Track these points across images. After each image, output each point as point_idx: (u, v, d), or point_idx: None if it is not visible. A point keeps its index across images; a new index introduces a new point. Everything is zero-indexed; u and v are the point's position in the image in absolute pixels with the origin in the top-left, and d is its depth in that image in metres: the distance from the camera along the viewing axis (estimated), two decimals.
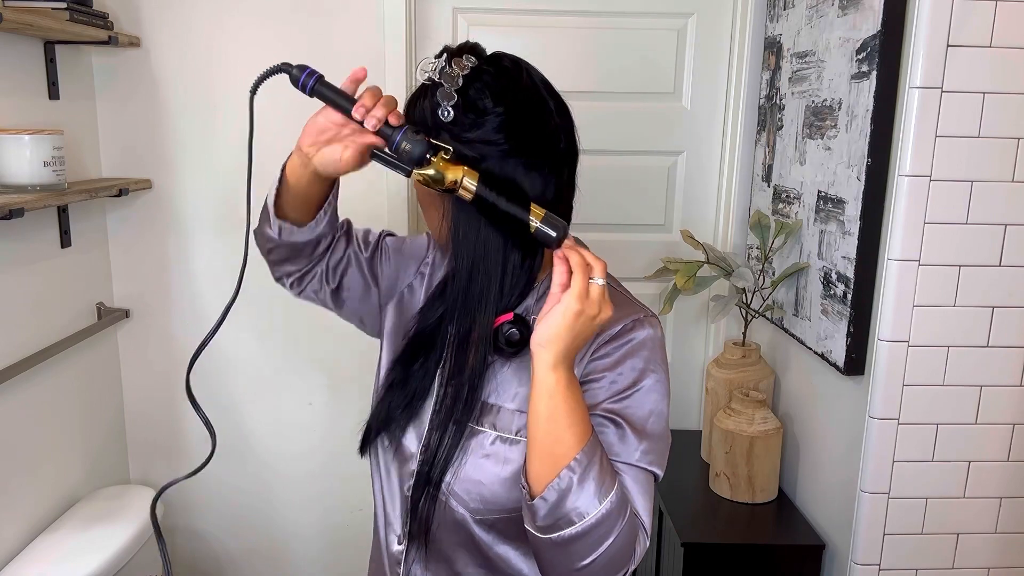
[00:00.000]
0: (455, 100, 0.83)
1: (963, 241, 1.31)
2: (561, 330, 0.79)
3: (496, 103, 0.83)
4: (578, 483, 0.77)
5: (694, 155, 2.02)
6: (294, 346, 2.01)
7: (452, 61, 0.84)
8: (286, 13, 1.82)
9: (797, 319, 1.65)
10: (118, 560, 1.58)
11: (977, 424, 1.39)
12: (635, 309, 0.91)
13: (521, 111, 0.84)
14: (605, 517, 0.78)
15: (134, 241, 1.91)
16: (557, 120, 0.88)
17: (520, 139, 0.84)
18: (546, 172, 0.86)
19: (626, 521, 0.79)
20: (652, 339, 0.89)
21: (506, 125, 0.83)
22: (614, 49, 1.95)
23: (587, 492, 0.77)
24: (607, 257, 1.01)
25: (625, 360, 0.87)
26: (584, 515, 0.77)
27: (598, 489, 0.78)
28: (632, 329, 0.88)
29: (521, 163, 0.84)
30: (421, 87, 0.88)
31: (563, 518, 0.78)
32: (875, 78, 1.33)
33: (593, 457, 0.79)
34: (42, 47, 1.62)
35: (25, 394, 1.57)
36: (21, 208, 1.34)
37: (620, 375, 0.87)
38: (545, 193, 0.86)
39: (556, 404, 0.79)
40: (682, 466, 1.86)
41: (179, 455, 2.04)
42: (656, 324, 0.90)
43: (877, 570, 1.43)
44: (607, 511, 0.78)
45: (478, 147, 0.83)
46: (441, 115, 0.83)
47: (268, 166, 1.16)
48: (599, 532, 0.78)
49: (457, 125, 0.83)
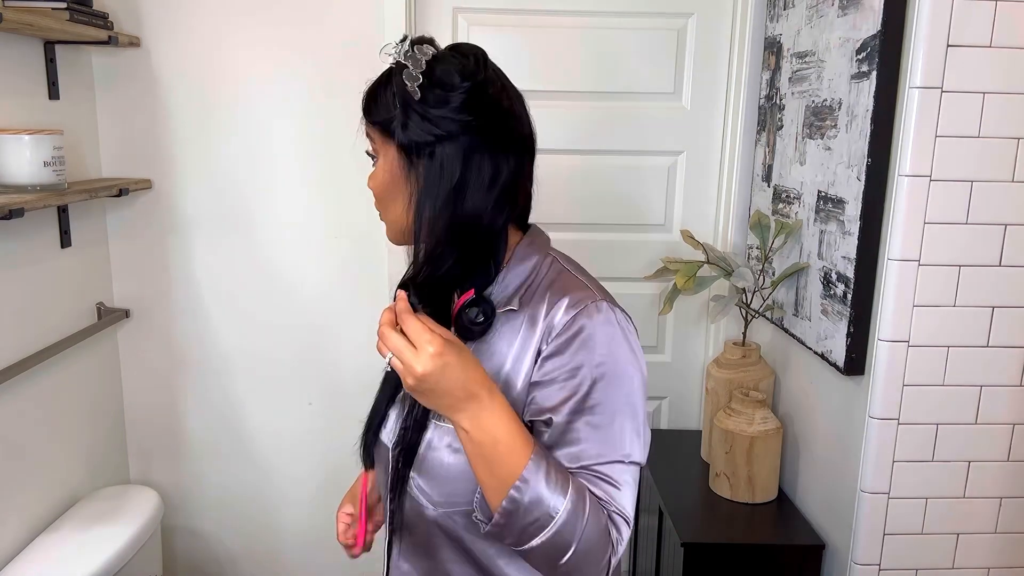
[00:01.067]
0: (421, 80, 0.84)
1: (963, 241, 1.31)
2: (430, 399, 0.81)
3: (463, 80, 0.84)
4: (529, 496, 0.78)
5: (694, 155, 2.02)
6: (294, 346, 2.01)
7: (414, 47, 0.86)
8: (286, 13, 1.82)
9: (797, 319, 1.65)
10: (118, 560, 1.58)
11: (977, 424, 1.39)
12: (583, 295, 0.88)
13: (486, 89, 0.86)
14: (568, 519, 0.79)
15: (134, 241, 1.91)
16: (517, 106, 0.91)
17: (486, 117, 0.85)
18: (509, 154, 0.88)
19: (589, 519, 0.80)
20: (603, 322, 0.86)
21: (472, 101, 0.85)
22: (614, 49, 1.95)
23: (543, 498, 0.78)
24: (607, 257, 1.02)
25: (579, 353, 0.85)
26: (546, 523, 0.78)
27: (552, 493, 0.79)
28: (579, 319, 0.86)
29: (484, 142, 0.86)
30: (384, 74, 0.89)
31: (527, 531, 0.79)
32: (875, 78, 1.33)
33: (538, 469, 0.79)
34: (42, 47, 1.62)
35: (25, 394, 1.57)
36: (21, 208, 1.34)
37: (577, 370, 0.85)
38: (508, 176, 0.87)
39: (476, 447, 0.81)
40: (682, 466, 1.86)
41: (179, 455, 2.04)
42: (606, 307, 0.87)
43: (877, 570, 1.43)
44: (569, 513, 0.79)
45: (445, 123, 0.84)
46: (411, 93, 0.84)
47: (271, 172, 1.17)
48: (566, 534, 0.79)
49: (425, 102, 0.84)
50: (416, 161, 0.86)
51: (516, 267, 0.92)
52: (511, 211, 0.90)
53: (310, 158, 1.90)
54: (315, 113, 1.87)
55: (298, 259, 1.95)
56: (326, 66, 1.86)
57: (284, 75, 1.85)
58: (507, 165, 0.87)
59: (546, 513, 0.78)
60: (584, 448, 0.84)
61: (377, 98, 0.88)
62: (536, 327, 0.87)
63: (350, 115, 1.89)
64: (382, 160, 0.90)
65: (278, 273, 1.96)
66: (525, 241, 0.94)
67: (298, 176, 1.91)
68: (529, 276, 0.91)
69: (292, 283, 1.96)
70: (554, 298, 0.88)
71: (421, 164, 0.86)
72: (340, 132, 1.88)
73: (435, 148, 0.85)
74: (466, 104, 0.84)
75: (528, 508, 0.78)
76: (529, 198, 0.96)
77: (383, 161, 0.90)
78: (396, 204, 0.90)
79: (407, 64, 0.85)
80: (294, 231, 1.94)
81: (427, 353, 0.78)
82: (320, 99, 1.87)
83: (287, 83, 1.86)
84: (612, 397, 0.85)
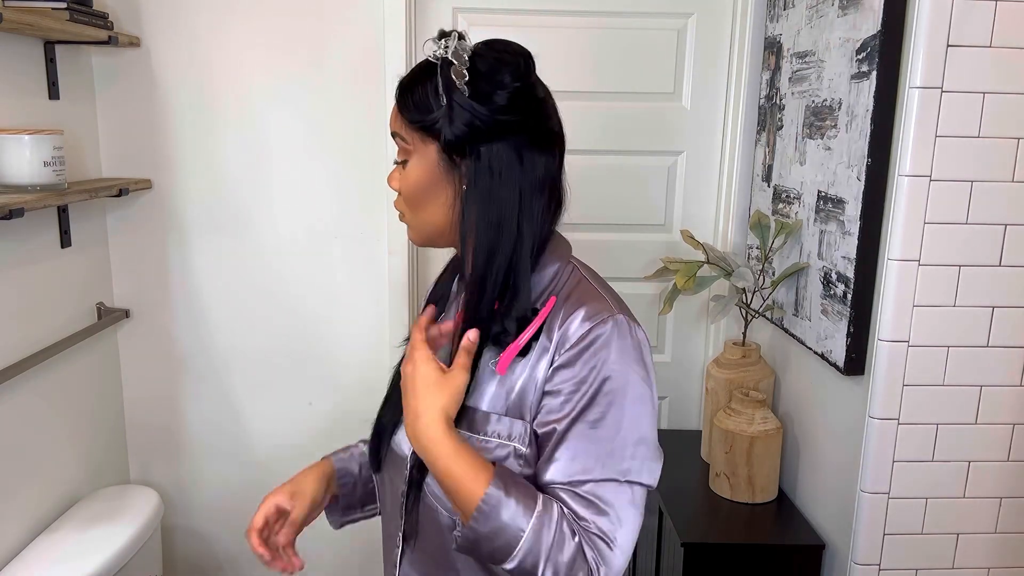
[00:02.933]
0: (467, 77, 0.83)
1: (963, 241, 1.31)
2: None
3: (513, 78, 0.85)
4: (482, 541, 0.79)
5: (694, 155, 2.02)
6: (294, 346, 2.01)
7: (459, 41, 0.85)
8: (286, 13, 1.82)
9: (797, 319, 1.65)
10: (118, 560, 1.58)
11: (977, 424, 1.39)
12: (600, 307, 0.86)
13: (527, 87, 0.86)
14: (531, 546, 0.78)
15: (134, 241, 1.91)
16: (552, 101, 0.91)
17: (532, 114, 0.86)
18: (550, 151, 0.88)
19: (554, 541, 0.79)
20: (616, 338, 0.84)
21: (516, 98, 0.85)
22: (614, 49, 1.95)
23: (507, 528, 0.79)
24: (607, 257, 1.02)
25: (589, 365, 0.83)
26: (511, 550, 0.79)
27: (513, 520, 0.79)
28: (594, 332, 0.84)
29: (533, 140, 0.86)
30: (421, 69, 0.88)
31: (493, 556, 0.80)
32: (875, 78, 1.33)
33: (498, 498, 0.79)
34: (42, 47, 1.62)
35: (25, 394, 1.57)
36: (21, 208, 1.34)
37: (583, 382, 0.83)
38: (549, 171, 0.88)
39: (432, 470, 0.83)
40: (682, 466, 1.86)
41: (179, 455, 2.04)
42: (623, 320, 0.85)
43: (877, 570, 1.43)
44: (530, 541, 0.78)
45: (493, 120, 0.84)
46: (460, 89, 0.83)
47: (271, 172, 1.17)
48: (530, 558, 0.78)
49: (474, 98, 0.83)
50: (459, 160, 0.85)
51: (537, 273, 0.89)
52: (558, 211, 0.91)
53: (310, 158, 1.90)
54: (315, 113, 1.87)
55: (298, 259, 1.95)
56: (326, 66, 1.86)
57: (284, 75, 1.85)
58: (553, 163, 0.88)
59: (514, 537, 0.78)
60: (576, 462, 0.82)
61: (415, 94, 0.86)
62: (552, 336, 0.86)
63: (349, 115, 1.91)
64: (417, 159, 0.87)
65: (278, 273, 1.96)
66: (548, 247, 0.91)
67: (298, 176, 1.91)
68: (550, 284, 0.90)
69: (292, 283, 1.96)
70: (571, 308, 0.86)
71: (465, 163, 0.85)
72: (340, 132, 1.89)
73: (482, 146, 0.84)
74: (512, 101, 0.84)
75: (488, 536, 0.79)
76: (563, 194, 0.93)
77: (418, 160, 0.87)
78: (433, 205, 0.88)
79: (453, 60, 0.83)
80: (294, 231, 1.94)
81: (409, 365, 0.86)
82: (320, 99, 1.87)
83: (287, 83, 1.86)
84: (617, 413, 0.83)
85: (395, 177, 0.91)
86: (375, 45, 1.85)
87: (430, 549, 0.93)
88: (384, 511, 1.03)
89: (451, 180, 0.86)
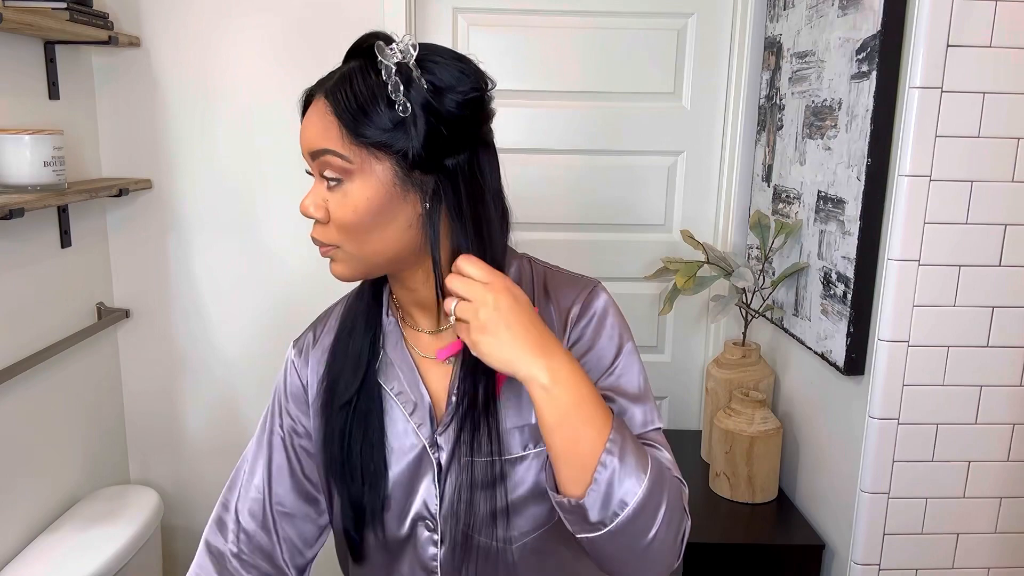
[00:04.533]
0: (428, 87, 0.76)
1: (963, 241, 1.31)
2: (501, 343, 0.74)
3: (472, 86, 0.78)
4: (619, 468, 0.72)
5: (694, 155, 2.02)
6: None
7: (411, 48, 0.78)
8: (286, 13, 1.82)
9: (797, 319, 1.65)
10: (118, 560, 1.58)
11: (977, 424, 1.39)
12: (583, 282, 0.91)
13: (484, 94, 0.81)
14: (652, 488, 0.73)
15: (134, 241, 1.91)
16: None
17: (484, 122, 0.82)
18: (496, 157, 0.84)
19: (667, 482, 0.76)
20: (609, 304, 0.90)
21: (475, 106, 0.79)
22: (614, 49, 1.95)
23: (629, 472, 0.72)
24: (607, 257, 1.02)
25: (599, 333, 0.87)
26: (634, 493, 0.72)
27: (637, 465, 0.73)
28: (591, 302, 0.89)
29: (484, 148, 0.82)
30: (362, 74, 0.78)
31: (615, 506, 0.72)
32: (875, 78, 1.33)
33: (623, 438, 0.74)
34: (42, 47, 1.62)
35: (25, 394, 1.57)
36: (21, 208, 1.34)
37: (602, 349, 0.87)
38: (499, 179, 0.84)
39: (560, 409, 0.73)
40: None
41: (179, 455, 2.04)
42: (603, 289, 0.91)
43: (877, 570, 1.43)
44: (652, 482, 0.73)
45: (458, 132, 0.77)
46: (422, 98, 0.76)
47: (271, 172, 1.16)
48: (652, 504, 0.73)
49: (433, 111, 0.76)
50: (421, 176, 0.77)
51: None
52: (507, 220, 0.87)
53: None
54: None
55: (298, 259, 1.95)
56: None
57: (284, 74, 1.85)
58: (498, 172, 0.84)
59: (633, 485, 0.72)
60: (632, 418, 0.85)
61: (360, 105, 0.75)
62: (553, 322, 0.88)
63: None
64: (362, 180, 0.76)
65: (278, 273, 1.96)
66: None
67: (298, 176, 1.90)
68: (519, 281, 0.90)
69: (292, 283, 1.96)
70: (560, 292, 0.89)
71: (427, 179, 0.77)
72: None
73: (447, 159, 0.77)
74: (475, 110, 0.79)
75: (621, 473, 0.72)
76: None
77: (365, 181, 0.76)
78: (386, 230, 0.78)
79: (412, 67, 0.76)
80: (294, 231, 1.94)
81: (500, 282, 0.75)
82: None
83: (287, 82, 1.85)
84: (632, 366, 0.88)
85: (319, 205, 0.79)
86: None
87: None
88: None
89: (410, 199, 0.78)
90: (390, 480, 0.88)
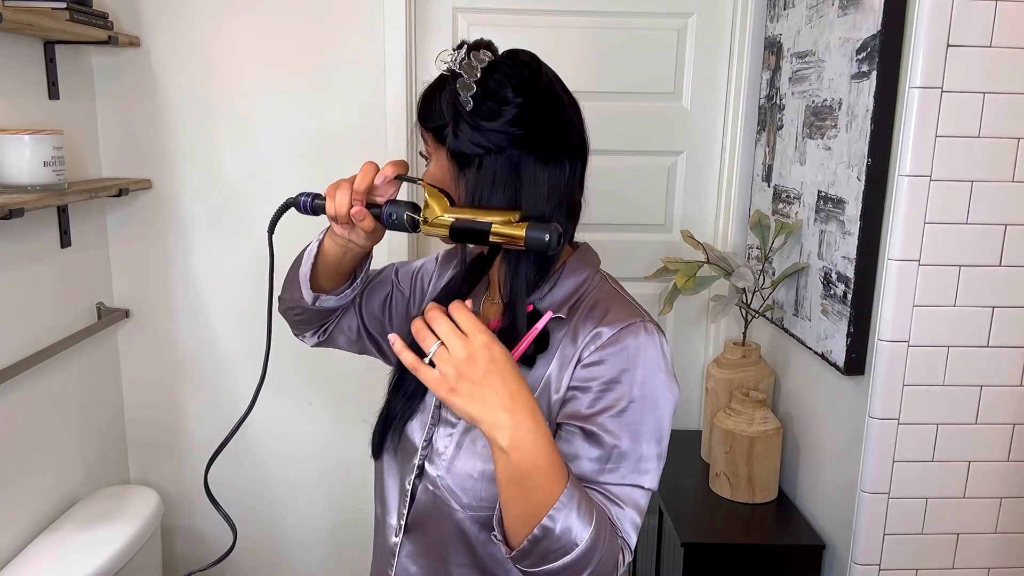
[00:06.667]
0: (475, 90, 0.83)
1: (963, 241, 1.31)
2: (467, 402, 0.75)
3: (516, 93, 0.84)
4: (557, 535, 0.76)
5: (694, 155, 2.02)
6: (294, 347, 2.00)
7: (471, 54, 0.85)
8: (286, 13, 1.82)
9: (797, 319, 1.65)
10: (118, 560, 1.58)
11: (977, 424, 1.39)
12: (631, 313, 0.88)
13: (539, 102, 0.86)
14: (583, 555, 0.77)
15: (134, 241, 1.91)
16: (571, 115, 0.91)
17: (536, 129, 0.85)
18: (560, 165, 0.87)
19: (606, 544, 0.79)
20: (648, 346, 0.85)
21: (524, 115, 0.84)
22: (614, 49, 1.95)
23: (572, 528, 0.76)
24: (607, 257, 1.02)
25: (622, 368, 0.84)
26: (570, 550, 0.76)
27: (581, 523, 0.76)
28: (625, 335, 0.85)
29: (536, 154, 0.85)
30: (439, 79, 0.89)
31: (548, 556, 0.77)
32: (875, 78, 1.33)
33: (570, 504, 0.76)
34: (42, 47, 1.62)
35: (25, 394, 1.57)
36: (21, 208, 1.34)
37: (617, 384, 0.84)
38: (558, 186, 0.87)
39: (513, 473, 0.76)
40: (682, 466, 1.86)
41: (179, 455, 2.04)
42: (653, 330, 0.87)
43: (877, 570, 1.43)
44: (582, 552, 0.76)
45: (496, 136, 0.84)
46: (463, 104, 0.84)
47: (271, 172, 1.16)
48: (584, 561, 0.77)
49: (477, 114, 0.84)
50: (466, 170, 0.86)
51: (566, 280, 0.92)
52: (571, 223, 0.91)
53: (310, 158, 1.90)
54: (315, 113, 1.87)
55: None
56: (326, 66, 1.86)
57: (284, 74, 1.85)
58: (562, 175, 0.87)
59: (571, 541, 0.76)
60: (607, 464, 0.83)
61: (431, 104, 0.88)
62: (578, 337, 0.87)
63: (350, 115, 1.90)
64: (435, 161, 0.90)
65: (278, 273, 1.96)
66: (576, 255, 0.95)
67: (298, 176, 1.91)
68: (578, 290, 0.91)
69: None
70: (601, 312, 0.88)
71: (470, 173, 0.86)
72: (340, 132, 1.88)
73: (483, 160, 0.84)
74: (517, 117, 0.84)
75: (557, 537, 0.76)
76: (579, 207, 0.94)
77: (436, 163, 0.90)
78: None
79: (462, 73, 0.84)
80: (294, 231, 1.94)
81: (478, 340, 0.75)
82: (320, 99, 1.86)
83: (287, 82, 1.85)
84: (644, 420, 0.84)
85: (426, 174, 0.93)
86: (375, 45, 1.84)
87: (432, 542, 0.94)
88: (381, 501, 1.02)
89: (458, 186, 0.87)
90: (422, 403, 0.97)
